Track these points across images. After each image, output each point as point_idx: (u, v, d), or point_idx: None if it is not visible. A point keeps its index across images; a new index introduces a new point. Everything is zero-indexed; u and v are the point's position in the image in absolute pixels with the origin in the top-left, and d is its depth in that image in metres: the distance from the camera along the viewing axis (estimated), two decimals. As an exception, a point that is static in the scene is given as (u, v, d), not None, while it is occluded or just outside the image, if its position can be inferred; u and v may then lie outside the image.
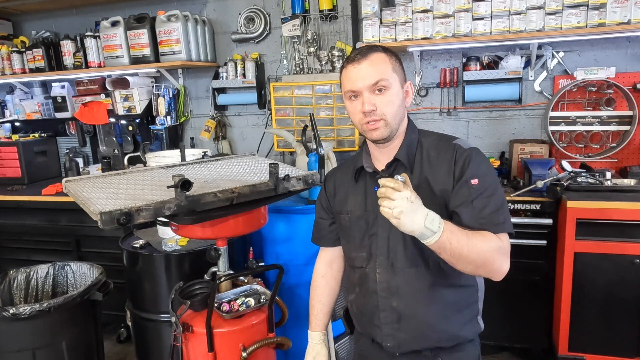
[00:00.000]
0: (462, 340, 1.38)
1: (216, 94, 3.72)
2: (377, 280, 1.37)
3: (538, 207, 2.61)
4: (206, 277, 2.06)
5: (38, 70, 3.75)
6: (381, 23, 2.92)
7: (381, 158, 1.40)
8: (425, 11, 2.80)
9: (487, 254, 1.20)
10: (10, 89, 4.19)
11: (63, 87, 3.86)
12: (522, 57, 3.01)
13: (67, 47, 3.66)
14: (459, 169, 1.28)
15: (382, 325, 1.38)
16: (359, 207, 1.42)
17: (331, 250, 1.61)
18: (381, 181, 1.14)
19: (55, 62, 3.75)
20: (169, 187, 1.60)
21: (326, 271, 1.63)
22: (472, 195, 1.24)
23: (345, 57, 3.25)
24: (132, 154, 3.47)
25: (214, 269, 2.03)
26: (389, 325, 1.37)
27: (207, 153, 2.80)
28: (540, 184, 2.61)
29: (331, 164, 2.79)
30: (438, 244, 1.14)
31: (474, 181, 1.25)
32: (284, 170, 1.96)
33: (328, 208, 1.55)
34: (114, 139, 3.83)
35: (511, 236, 1.27)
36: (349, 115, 1.37)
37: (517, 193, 2.65)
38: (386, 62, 1.30)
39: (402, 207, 1.10)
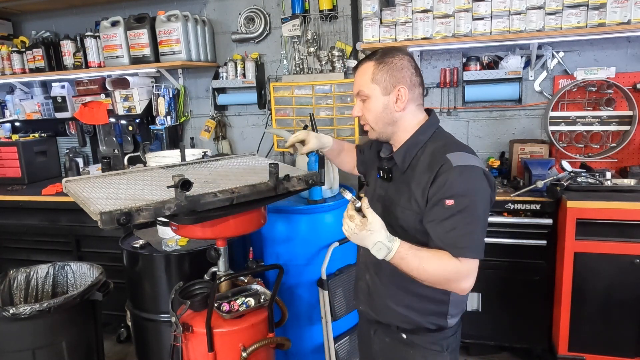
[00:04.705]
0: (422, 328, 1.44)
1: (216, 94, 3.72)
2: (360, 252, 1.58)
3: (538, 207, 2.61)
4: (206, 277, 2.06)
5: (38, 70, 3.75)
6: (381, 23, 2.92)
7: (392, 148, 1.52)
8: (425, 11, 2.80)
9: (440, 278, 1.27)
10: (10, 89, 4.19)
11: (63, 87, 3.86)
12: (522, 57, 3.01)
13: (67, 47, 3.66)
14: (437, 185, 1.29)
15: (359, 292, 1.59)
16: (372, 182, 1.60)
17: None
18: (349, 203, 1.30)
19: (55, 62, 3.75)
20: (169, 187, 1.59)
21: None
22: (444, 214, 1.27)
23: (345, 57, 3.28)
24: (132, 154, 3.47)
25: (214, 269, 2.03)
26: (363, 295, 1.57)
27: (207, 153, 2.80)
28: (540, 184, 2.61)
29: (331, 164, 2.78)
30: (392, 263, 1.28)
31: (449, 202, 1.26)
32: (284, 170, 1.95)
33: (366, 153, 1.74)
34: (114, 139, 3.83)
35: (479, 258, 1.27)
36: None
37: (517, 193, 2.65)
38: (367, 73, 1.38)
39: (350, 231, 1.26)
